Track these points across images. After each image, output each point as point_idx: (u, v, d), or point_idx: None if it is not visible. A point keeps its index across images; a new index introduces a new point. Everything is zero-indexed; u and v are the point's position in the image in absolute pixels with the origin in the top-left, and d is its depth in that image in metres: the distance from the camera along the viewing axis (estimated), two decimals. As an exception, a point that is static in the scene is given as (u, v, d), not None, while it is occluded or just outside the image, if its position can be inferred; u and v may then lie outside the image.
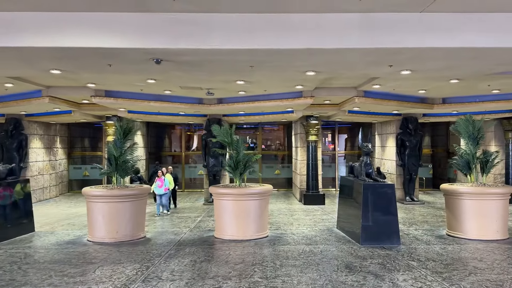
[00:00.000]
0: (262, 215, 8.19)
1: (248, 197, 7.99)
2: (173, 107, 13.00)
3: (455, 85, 10.75)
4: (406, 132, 15.30)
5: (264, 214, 8.30)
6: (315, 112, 14.68)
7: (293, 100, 12.06)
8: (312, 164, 15.23)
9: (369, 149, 8.46)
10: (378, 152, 18.08)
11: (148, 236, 8.68)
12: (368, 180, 8.14)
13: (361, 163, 8.57)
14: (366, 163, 8.42)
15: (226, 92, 12.01)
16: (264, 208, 8.30)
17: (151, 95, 12.33)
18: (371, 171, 8.38)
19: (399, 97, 12.67)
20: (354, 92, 11.77)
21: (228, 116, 15.50)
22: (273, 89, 11.55)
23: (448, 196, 8.56)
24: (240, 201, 7.98)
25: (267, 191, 8.32)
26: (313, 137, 15.29)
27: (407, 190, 15.32)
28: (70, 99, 12.67)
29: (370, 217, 7.78)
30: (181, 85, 10.71)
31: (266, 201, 8.38)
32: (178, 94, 12.43)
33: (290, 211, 12.98)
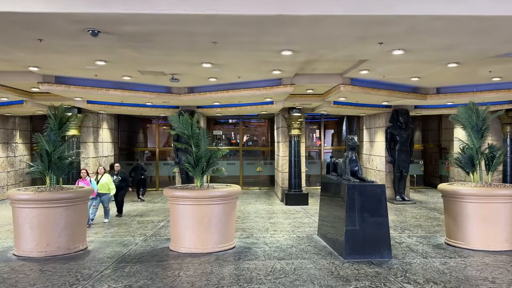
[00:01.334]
0: (227, 222, 6.81)
1: (209, 200, 6.59)
2: (137, 97, 11.53)
3: (452, 71, 9.48)
4: (396, 125, 14.04)
5: (230, 221, 6.92)
6: (297, 103, 13.34)
7: (271, 89, 10.67)
8: (295, 160, 13.89)
9: (355, 142, 7.12)
10: (366, 147, 16.82)
11: (90, 248, 7.23)
12: (354, 179, 6.80)
13: (345, 159, 7.25)
14: (351, 159, 7.10)
15: (195, 80, 10.58)
16: (230, 214, 6.91)
17: (109, 82, 10.83)
18: (357, 168, 7.06)
19: (390, 86, 11.36)
20: (340, 79, 10.43)
21: (202, 108, 14.07)
22: (248, 76, 10.15)
23: (447, 198, 7.26)
24: (200, 206, 6.58)
25: (233, 193, 6.93)
26: (296, 131, 13.95)
27: (397, 189, 14.08)
28: (18, 87, 11.10)
29: (356, 225, 6.46)
30: (139, 69, 9.25)
31: (233, 205, 6.99)
32: (142, 81, 10.97)
33: (269, 213, 11.63)
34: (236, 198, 7.15)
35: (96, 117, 14.68)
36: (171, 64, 8.67)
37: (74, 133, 13.53)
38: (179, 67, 8.98)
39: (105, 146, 15.59)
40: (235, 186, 7.24)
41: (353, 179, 6.76)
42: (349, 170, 7.01)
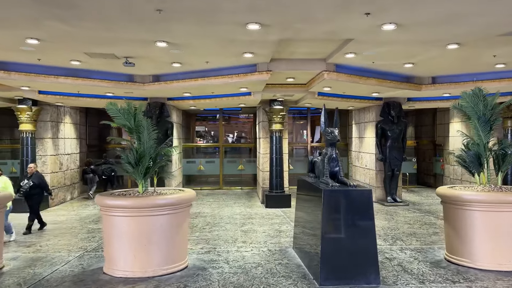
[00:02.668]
0: (175, 237, 5.43)
1: (151, 210, 5.22)
2: (93, 86, 10.09)
3: (451, 56, 8.21)
4: (388, 120, 12.75)
5: (179, 236, 5.53)
6: (279, 95, 11.98)
7: (245, 76, 9.30)
8: (276, 158, 12.55)
9: (335, 136, 5.78)
10: (355, 143, 15.54)
11: (7, 268, 5.83)
12: (333, 183, 5.46)
13: (323, 157, 5.93)
14: (331, 157, 5.77)
15: (156, 65, 9.19)
16: (179, 226, 5.53)
17: (60, 68, 9.39)
18: (338, 169, 5.73)
19: (380, 74, 10.05)
20: (323, 66, 9.09)
21: (173, 100, 12.67)
22: (217, 61, 8.78)
23: (448, 205, 5.95)
24: (139, 217, 5.19)
25: (184, 200, 5.55)
26: (277, 126, 12.60)
27: (388, 189, 12.80)
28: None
29: (335, 242, 5.14)
30: (86, 51, 7.85)
31: (183, 216, 5.61)
32: (99, 68, 9.57)
33: (244, 218, 10.28)
34: (189, 206, 5.77)
35: (56, 110, 13.19)
36: (120, 44, 7.27)
37: (27, 128, 12.07)
38: (130, 48, 7.58)
39: (68, 142, 14.12)
40: (188, 191, 5.85)
41: (332, 182, 5.43)
42: (327, 171, 5.69)
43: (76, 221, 10.28)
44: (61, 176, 13.50)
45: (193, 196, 5.79)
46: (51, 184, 12.73)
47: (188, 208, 5.77)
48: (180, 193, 5.69)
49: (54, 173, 13.00)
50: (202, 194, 15.28)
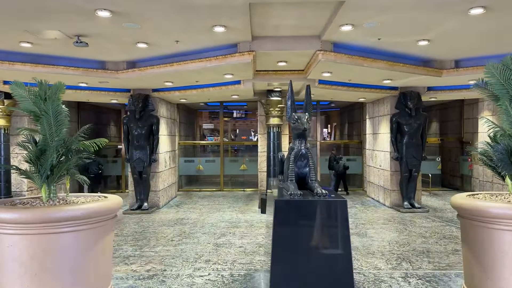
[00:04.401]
0: (86, 262, 3.99)
1: (47, 227, 3.78)
2: (56, 74, 8.84)
3: (476, 28, 6.50)
4: (404, 112, 11.01)
5: (95, 260, 4.08)
6: (276, 84, 10.45)
7: (224, 59, 7.84)
8: (274, 156, 11.02)
9: (302, 124, 4.20)
10: (369, 141, 13.82)
11: None
12: (295, 190, 3.88)
13: (288, 155, 4.39)
14: (299, 154, 4.22)
15: (120, 47, 7.85)
16: (94, 247, 4.10)
17: (16, 53, 8.22)
18: (308, 169, 4.18)
19: (391, 55, 8.39)
20: (317, 44, 7.53)
21: (159, 91, 11.33)
22: (187, 39, 7.36)
23: (468, 221, 4.26)
24: (30, 236, 3.78)
25: (101, 211, 4.10)
26: (275, 120, 11.07)
27: (405, 193, 11.06)
28: None
29: (290, 268, 3.58)
30: (26, 28, 6.57)
31: (102, 233, 4.16)
32: (65, 53, 8.35)
33: (229, 227, 8.81)
34: (112, 219, 4.35)
35: (35, 104, 12.08)
36: (56, 17, 5.94)
37: (0, 124, 11.00)
38: (71, 22, 6.24)
39: (52, 139, 13.01)
40: (111, 199, 4.41)
41: (293, 189, 3.88)
42: (293, 173, 4.15)
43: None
44: (42, 175, 12.40)
45: (116, 205, 4.35)
46: (28, 185, 11.64)
47: (110, 222, 4.34)
48: (97, 202, 4.26)
49: (33, 172, 11.88)
50: (198, 196, 13.92)
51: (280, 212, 3.60)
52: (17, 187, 11.59)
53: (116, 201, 4.42)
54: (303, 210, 3.62)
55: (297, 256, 3.59)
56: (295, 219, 3.62)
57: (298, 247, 3.60)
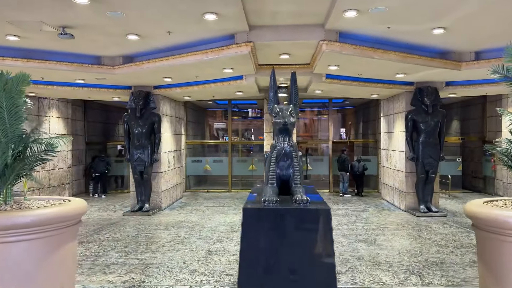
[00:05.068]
0: (42, 277, 3.49)
1: (4, 235, 3.32)
2: (49, 70, 8.47)
3: (497, 13, 5.77)
4: (421, 109, 10.25)
5: (55, 274, 3.59)
6: (282, 79, 9.84)
7: (221, 51, 7.30)
8: (280, 156, 10.40)
9: (283, 117, 3.57)
10: (384, 140, 13.06)
11: None
12: (271, 196, 3.29)
13: (270, 153, 3.79)
14: (281, 153, 3.63)
15: (111, 40, 7.40)
16: (53, 259, 3.60)
17: (6, 48, 7.87)
18: (293, 171, 3.58)
19: (403, 46, 7.69)
20: (321, 33, 6.90)
21: (160, 88, 10.88)
22: (179, 29, 6.84)
23: (484, 233, 3.58)
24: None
25: (59, 217, 3.59)
26: (281, 118, 10.44)
27: (421, 195, 10.29)
28: None
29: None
30: (7, 19, 6.17)
31: (61, 241, 3.67)
32: (57, 47, 7.99)
33: (228, 231, 8.27)
34: (73, 225, 3.84)
35: (36, 102, 11.82)
36: (35, 6, 5.50)
37: (-2, 122, 10.71)
38: (52, 11, 5.79)
39: (55, 138, 12.71)
40: (73, 203, 3.90)
41: (270, 195, 3.29)
42: (274, 175, 3.56)
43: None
44: (44, 175, 12.12)
45: (77, 210, 3.84)
46: (28, 185, 11.34)
47: (71, 229, 3.84)
48: (55, 207, 3.77)
49: (34, 172, 11.58)
50: (204, 197, 13.42)
51: (250, 222, 3.02)
52: (17, 188, 11.28)
53: (78, 205, 3.91)
54: (278, 220, 3.04)
55: (269, 274, 3.01)
56: (268, 231, 3.04)
57: (271, 264, 3.01)
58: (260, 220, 3.08)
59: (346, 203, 12.16)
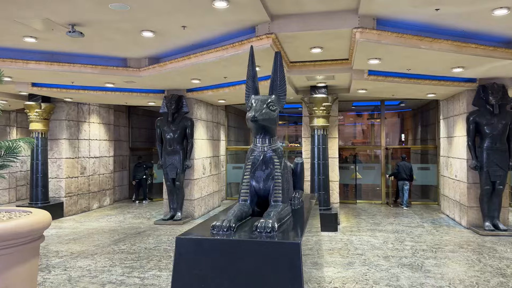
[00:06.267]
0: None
1: None
2: (73, 73, 8.25)
3: None
4: (485, 110, 8.79)
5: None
6: (320, 77, 8.88)
7: (241, 45, 6.57)
8: (319, 163, 9.45)
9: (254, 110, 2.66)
10: (443, 146, 11.55)
11: None
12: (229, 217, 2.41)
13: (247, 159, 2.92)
14: (261, 158, 2.75)
15: (126, 38, 6.95)
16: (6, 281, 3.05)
17: (31, 52, 7.76)
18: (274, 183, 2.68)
19: (456, 34, 6.46)
20: (355, 20, 5.93)
21: (193, 91, 10.39)
22: (193, 23, 6.20)
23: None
24: None
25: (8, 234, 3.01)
26: (320, 121, 9.50)
27: (486, 211, 8.79)
28: None
29: None
30: (15, 18, 5.91)
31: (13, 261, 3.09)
32: (82, 50, 7.75)
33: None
34: (31, 242, 3.26)
35: (76, 108, 11.84)
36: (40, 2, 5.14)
37: (37, 128, 10.81)
38: (50, 4, 5.39)
39: (96, 144, 12.73)
40: (35, 215, 3.34)
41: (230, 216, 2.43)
42: (247, 189, 2.70)
43: (53, 236, 8.53)
44: (83, 181, 12.10)
45: (36, 225, 3.25)
46: (66, 190, 11.35)
47: (29, 246, 3.25)
48: (9, 221, 3.20)
49: (72, 178, 11.60)
50: (243, 206, 12.70)
51: (185, 259, 2.20)
52: (55, 193, 11.35)
53: (37, 219, 3.33)
54: (225, 256, 2.19)
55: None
56: (210, 271, 2.19)
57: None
58: (198, 255, 2.24)
59: (398, 217, 10.85)
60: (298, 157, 3.90)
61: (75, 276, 5.63)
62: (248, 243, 2.19)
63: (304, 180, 3.83)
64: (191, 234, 2.39)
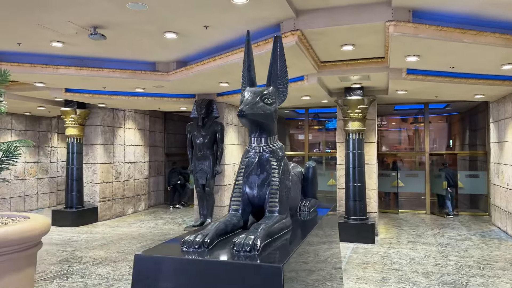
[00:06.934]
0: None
1: None
2: (102, 77, 8.25)
3: None
4: (541, 111, 7.91)
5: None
6: (355, 78, 8.35)
7: (265, 45, 6.23)
8: (354, 170, 8.90)
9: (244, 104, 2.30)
10: (494, 151, 10.61)
11: None
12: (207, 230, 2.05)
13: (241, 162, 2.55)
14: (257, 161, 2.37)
15: (146, 40, 6.81)
16: None
17: (61, 57, 7.83)
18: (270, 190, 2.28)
19: (505, 25, 5.77)
20: (388, 13, 5.44)
21: (223, 95, 10.17)
22: (215, 21, 5.95)
23: None
24: None
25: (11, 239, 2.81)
26: (355, 125, 8.95)
27: (544, 224, 7.88)
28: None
29: None
30: (37, 22, 5.92)
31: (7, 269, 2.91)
32: (113, 55, 7.76)
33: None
34: (27, 249, 3.06)
35: (111, 114, 11.98)
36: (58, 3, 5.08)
37: (72, 133, 11.00)
38: (70, 7, 5.31)
39: (131, 149, 12.82)
40: (32, 220, 3.15)
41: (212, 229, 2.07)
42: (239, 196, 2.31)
43: (82, 241, 8.52)
44: (118, 186, 12.19)
45: (36, 230, 3.05)
46: (101, 195, 11.46)
47: (28, 253, 3.06)
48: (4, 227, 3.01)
49: (107, 182, 11.70)
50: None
51: (143, 279, 1.85)
52: (90, 197, 11.48)
53: (29, 226, 3.13)
54: (189, 279, 1.81)
55: None
56: None
57: None
58: (158, 277, 1.88)
59: (443, 228, 10.04)
60: (309, 161, 3.49)
61: (91, 284, 5.48)
62: (216, 264, 1.82)
63: (317, 187, 3.40)
64: (155, 250, 2.06)
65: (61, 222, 10.57)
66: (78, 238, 8.96)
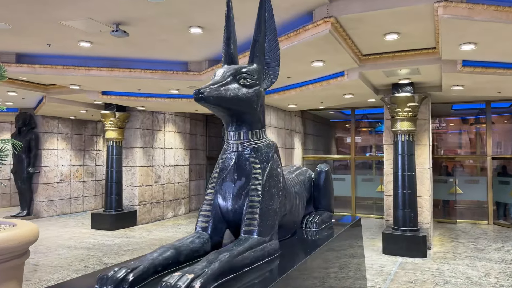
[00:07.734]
0: None
1: None
2: (133, 78, 8.05)
3: None
4: None
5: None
6: (404, 73, 7.49)
7: (296, 36, 5.64)
8: (403, 175, 8.02)
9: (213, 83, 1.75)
10: None
11: None
12: (132, 264, 1.50)
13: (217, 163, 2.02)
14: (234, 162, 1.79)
15: (174, 37, 6.45)
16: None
17: (94, 59, 7.74)
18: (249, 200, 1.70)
19: None
20: (435, -7, 4.67)
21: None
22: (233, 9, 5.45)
23: None
24: None
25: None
26: (405, 126, 8.07)
27: None
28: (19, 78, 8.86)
29: None
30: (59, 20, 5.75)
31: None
32: (145, 55, 7.56)
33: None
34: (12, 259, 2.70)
35: (150, 117, 11.87)
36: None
37: (112, 136, 10.98)
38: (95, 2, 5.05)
39: (171, 152, 12.65)
40: (17, 228, 2.81)
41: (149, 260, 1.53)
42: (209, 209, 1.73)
43: (115, 246, 8.33)
44: (158, 189, 12.05)
45: (21, 239, 2.69)
46: (140, 198, 11.35)
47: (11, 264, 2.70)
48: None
49: (146, 186, 11.59)
50: (321, 221, 11.54)
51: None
52: (129, 201, 11.40)
53: (8, 235, 2.77)
54: None
55: None
56: None
57: None
58: None
59: (509, 241, 8.85)
60: (321, 164, 2.83)
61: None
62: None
63: (332, 196, 2.68)
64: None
65: (100, 225, 10.56)
66: (112, 242, 8.81)
